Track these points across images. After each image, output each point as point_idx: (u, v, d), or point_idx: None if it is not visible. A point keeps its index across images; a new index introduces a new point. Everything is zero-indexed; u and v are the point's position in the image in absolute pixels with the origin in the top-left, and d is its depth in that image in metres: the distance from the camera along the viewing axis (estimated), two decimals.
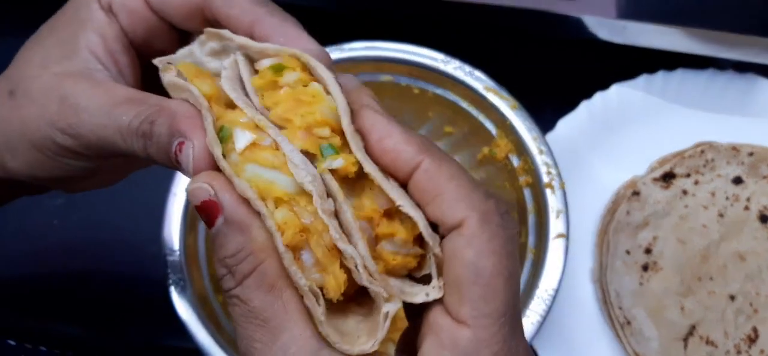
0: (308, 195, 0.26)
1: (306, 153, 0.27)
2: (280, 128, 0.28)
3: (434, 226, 0.27)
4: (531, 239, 0.53)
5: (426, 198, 0.27)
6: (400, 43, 0.58)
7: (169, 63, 0.32)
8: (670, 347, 0.55)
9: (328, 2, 0.63)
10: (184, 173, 0.28)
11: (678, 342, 0.55)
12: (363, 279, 0.26)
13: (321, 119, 0.27)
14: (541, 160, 0.54)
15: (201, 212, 0.27)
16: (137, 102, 0.31)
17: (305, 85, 0.29)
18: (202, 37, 0.32)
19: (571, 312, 0.57)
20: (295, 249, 0.26)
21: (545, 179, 0.53)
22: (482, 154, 0.59)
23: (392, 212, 0.28)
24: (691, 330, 0.56)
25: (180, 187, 0.54)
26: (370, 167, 0.27)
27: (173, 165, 0.29)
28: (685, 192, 0.60)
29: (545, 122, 0.62)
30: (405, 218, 0.27)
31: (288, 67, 0.29)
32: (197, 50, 0.33)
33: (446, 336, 0.26)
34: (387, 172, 0.28)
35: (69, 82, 0.32)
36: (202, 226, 0.55)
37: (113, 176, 0.40)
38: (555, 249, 0.51)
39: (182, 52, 0.33)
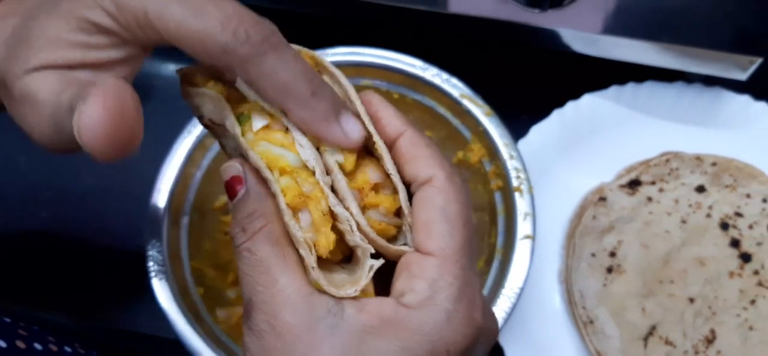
0: (309, 170, 0.32)
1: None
2: None
3: (407, 187, 0.34)
4: (499, 240, 0.56)
5: (406, 158, 0.33)
6: (381, 49, 0.61)
7: (186, 73, 0.36)
8: (631, 346, 0.58)
9: (312, 8, 0.65)
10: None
11: (638, 342, 0.58)
12: (356, 237, 0.32)
13: None
14: (511, 165, 0.56)
15: (228, 186, 0.33)
16: None
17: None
18: None
19: (538, 311, 0.60)
20: (295, 210, 0.32)
21: (515, 183, 0.56)
22: (457, 158, 0.61)
23: (378, 187, 0.34)
24: (651, 331, 0.58)
25: (164, 183, 0.56)
26: (378, 140, 0.33)
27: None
28: (649, 199, 0.63)
29: (519, 129, 0.64)
30: (389, 192, 0.34)
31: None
32: None
33: (416, 267, 0.31)
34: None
35: None
36: (184, 222, 0.57)
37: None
38: (522, 250, 0.53)
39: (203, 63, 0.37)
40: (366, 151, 0.35)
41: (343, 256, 0.34)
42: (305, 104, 0.32)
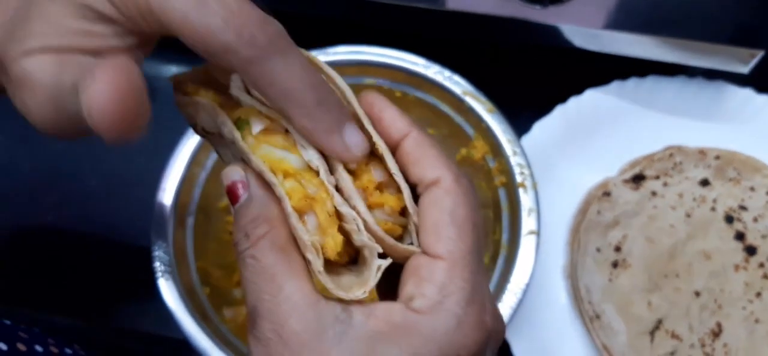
0: (312, 171, 0.32)
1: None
2: None
3: (413, 189, 0.33)
4: (504, 237, 0.56)
5: (411, 160, 0.33)
6: (383, 48, 0.61)
7: (180, 81, 0.36)
8: (637, 340, 0.58)
9: (315, 8, 0.65)
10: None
11: (645, 336, 0.58)
12: (364, 237, 0.31)
13: None
14: (514, 161, 0.57)
15: (230, 191, 0.32)
16: None
17: None
18: None
19: (544, 307, 0.60)
20: (300, 213, 0.31)
21: (518, 179, 0.56)
22: (460, 155, 0.61)
23: (382, 186, 0.33)
24: (658, 325, 0.58)
25: (169, 184, 0.56)
26: (378, 140, 0.33)
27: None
28: (654, 193, 0.63)
29: (522, 126, 0.64)
30: (393, 191, 0.33)
31: None
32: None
33: (425, 271, 0.31)
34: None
35: None
36: (189, 222, 0.57)
37: None
38: (526, 245, 0.54)
39: (196, 68, 0.37)
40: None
41: (350, 258, 0.34)
42: (309, 113, 0.31)
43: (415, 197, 0.33)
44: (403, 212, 0.33)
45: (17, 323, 0.53)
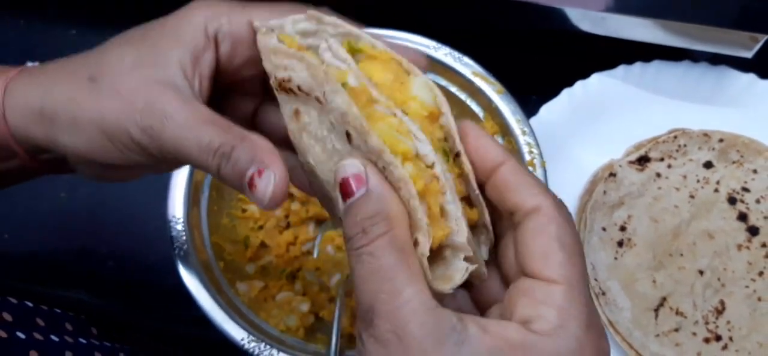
0: (423, 163, 0.32)
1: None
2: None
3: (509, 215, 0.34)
4: None
5: (510, 187, 0.33)
6: (394, 30, 0.61)
7: (270, 29, 0.35)
8: (642, 317, 0.59)
9: None
10: (254, 197, 0.34)
11: (649, 313, 0.59)
12: (462, 238, 0.31)
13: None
14: (523, 140, 0.58)
15: (345, 184, 0.31)
16: (221, 126, 0.35)
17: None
18: (297, 16, 0.36)
19: None
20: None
21: (527, 157, 0.57)
22: None
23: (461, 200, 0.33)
24: (662, 302, 0.59)
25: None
26: (465, 160, 0.33)
27: (241, 187, 0.35)
28: (658, 175, 0.64)
29: (529, 109, 0.65)
30: (471, 206, 0.34)
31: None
32: (289, 27, 0.36)
33: (540, 294, 0.31)
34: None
35: (157, 89, 0.36)
36: (204, 199, 0.58)
37: (144, 172, 0.42)
38: None
39: (274, 23, 0.37)
40: None
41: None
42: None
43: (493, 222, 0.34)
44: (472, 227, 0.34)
45: (38, 302, 0.53)
